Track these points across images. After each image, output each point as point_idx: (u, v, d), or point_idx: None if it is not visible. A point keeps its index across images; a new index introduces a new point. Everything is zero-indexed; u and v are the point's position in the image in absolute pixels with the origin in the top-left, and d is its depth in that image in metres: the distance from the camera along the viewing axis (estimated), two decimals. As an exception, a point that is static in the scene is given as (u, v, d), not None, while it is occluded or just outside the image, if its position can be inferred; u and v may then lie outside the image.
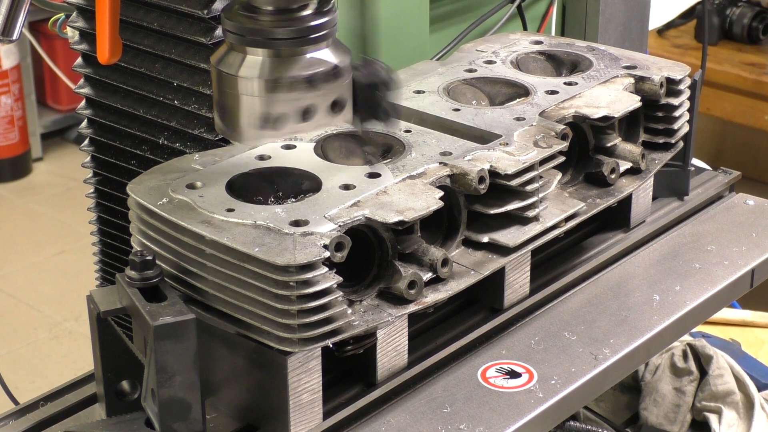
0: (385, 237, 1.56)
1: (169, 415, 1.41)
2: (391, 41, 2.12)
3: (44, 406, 1.61)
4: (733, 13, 4.39)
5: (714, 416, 2.44)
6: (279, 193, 1.59)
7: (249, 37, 1.48)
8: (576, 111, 1.81)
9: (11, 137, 5.70)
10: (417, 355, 1.63)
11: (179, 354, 1.40)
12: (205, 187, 1.56)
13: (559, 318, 1.75)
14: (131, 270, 1.46)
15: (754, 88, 4.21)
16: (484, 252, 1.67)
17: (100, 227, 1.92)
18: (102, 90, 1.84)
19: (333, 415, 1.53)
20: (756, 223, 2.00)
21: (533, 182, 1.67)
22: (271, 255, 1.42)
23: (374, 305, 1.55)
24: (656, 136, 1.94)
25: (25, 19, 1.59)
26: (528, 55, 2.03)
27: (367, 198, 1.55)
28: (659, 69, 1.92)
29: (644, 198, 1.94)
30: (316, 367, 1.48)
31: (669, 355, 2.49)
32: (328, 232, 1.47)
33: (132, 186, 1.58)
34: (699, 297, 1.80)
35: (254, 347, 1.48)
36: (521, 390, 1.59)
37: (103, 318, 1.48)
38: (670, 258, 1.90)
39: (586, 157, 1.87)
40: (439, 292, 1.59)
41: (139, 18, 1.75)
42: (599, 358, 1.65)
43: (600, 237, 1.92)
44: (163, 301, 1.43)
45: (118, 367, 1.52)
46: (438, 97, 1.87)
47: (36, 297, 4.75)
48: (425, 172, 1.62)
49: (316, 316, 1.44)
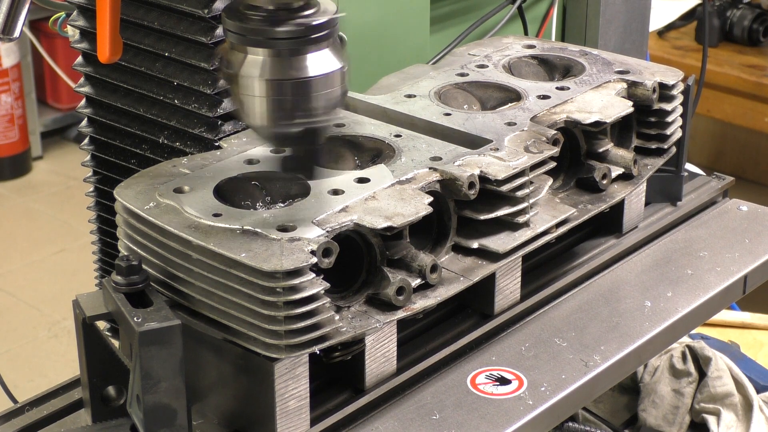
0: (374, 242, 1.56)
1: (154, 421, 1.41)
2: (391, 41, 2.12)
3: (30, 411, 1.60)
4: (734, 15, 4.38)
5: (713, 418, 2.43)
6: (267, 197, 1.58)
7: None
8: (568, 116, 1.80)
9: (11, 136, 5.70)
10: (406, 361, 1.62)
11: (165, 360, 1.39)
12: (192, 192, 1.56)
13: (550, 324, 1.74)
14: (117, 275, 1.45)
15: (755, 90, 4.20)
16: (474, 258, 1.66)
17: (99, 226, 1.92)
18: (102, 89, 1.84)
19: (320, 422, 1.52)
20: (749, 229, 1.99)
21: (524, 188, 1.67)
22: (257, 261, 1.41)
23: (362, 311, 1.54)
24: (649, 141, 1.93)
25: (26, 18, 1.59)
26: (520, 60, 2.03)
27: (355, 203, 1.54)
28: (652, 74, 1.92)
29: (637, 203, 1.93)
30: (303, 373, 1.48)
31: (668, 356, 2.48)
32: (315, 237, 1.46)
33: (119, 190, 1.57)
34: (691, 303, 1.79)
35: (241, 353, 1.48)
36: (511, 397, 1.59)
37: (89, 323, 1.48)
38: (662, 264, 1.89)
39: (577, 163, 1.86)
40: (428, 299, 1.58)
41: (139, 17, 1.75)
42: (590, 365, 1.65)
43: (592, 243, 1.92)
44: (149, 306, 1.43)
45: (104, 372, 1.51)
46: (429, 101, 1.86)
47: (35, 296, 4.76)
48: (415, 177, 1.62)
49: (303, 322, 1.43)
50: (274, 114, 1.47)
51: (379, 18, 2.07)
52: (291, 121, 1.47)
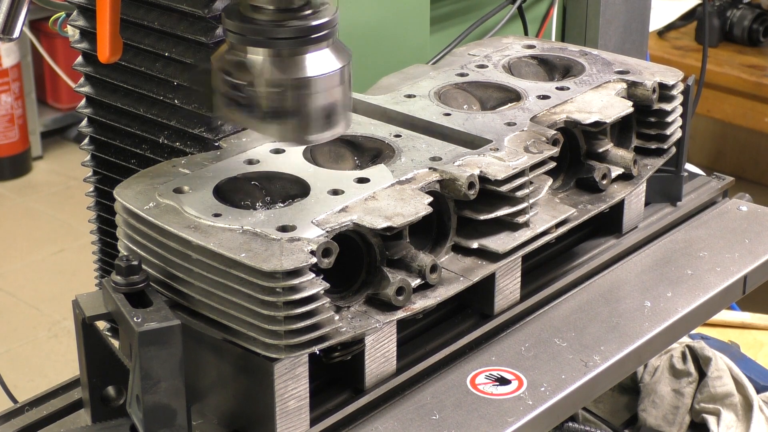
0: (374, 243, 1.56)
1: (154, 421, 1.41)
2: (391, 41, 2.12)
3: (29, 411, 1.60)
4: (734, 15, 4.38)
5: (712, 418, 2.43)
6: (267, 197, 1.58)
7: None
8: (567, 116, 1.80)
9: (11, 135, 5.70)
10: (406, 361, 1.62)
11: (164, 360, 1.39)
12: (192, 192, 1.56)
13: (550, 324, 1.74)
14: (117, 275, 1.45)
15: (755, 90, 4.20)
16: (474, 258, 1.66)
17: (99, 226, 1.92)
18: (102, 89, 1.83)
19: (320, 422, 1.52)
20: (749, 230, 1.99)
21: (524, 188, 1.67)
22: (257, 261, 1.41)
23: (362, 311, 1.54)
24: (649, 141, 1.93)
25: (26, 18, 1.59)
26: (520, 60, 2.03)
27: (355, 203, 1.54)
28: (652, 74, 1.92)
29: (636, 203, 1.93)
30: (303, 373, 1.48)
31: (668, 356, 2.48)
32: (315, 237, 1.46)
33: (119, 190, 1.57)
34: (691, 304, 1.79)
35: (241, 353, 1.48)
36: (510, 397, 1.58)
37: (89, 323, 1.48)
38: (662, 264, 1.89)
39: (577, 163, 1.86)
40: (428, 299, 1.58)
41: (139, 17, 1.75)
42: (589, 365, 1.65)
43: (592, 243, 1.91)
44: (148, 306, 1.43)
45: (104, 372, 1.51)
46: (429, 101, 1.86)
47: (35, 295, 4.76)
48: (414, 178, 1.62)
49: (303, 322, 1.43)
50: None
51: (379, 18, 2.07)
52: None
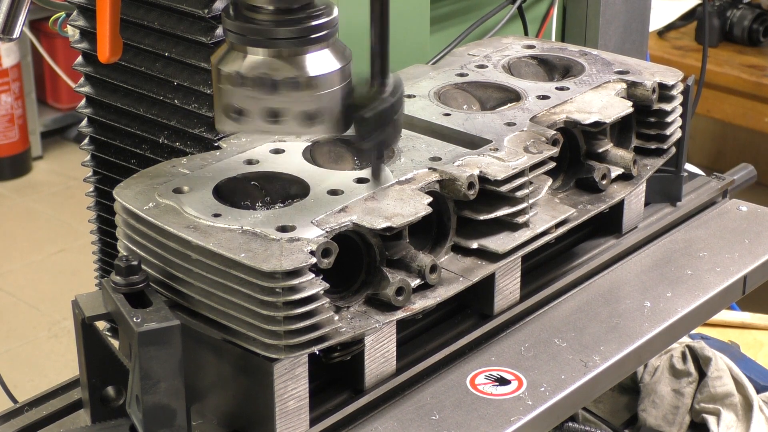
0: (373, 243, 1.56)
1: (153, 421, 1.41)
2: (391, 41, 2.11)
3: (29, 411, 1.60)
4: (734, 15, 4.38)
5: (712, 418, 2.43)
6: (267, 198, 1.58)
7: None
8: (567, 116, 1.80)
9: (11, 135, 5.70)
10: (405, 361, 1.62)
11: (164, 360, 1.39)
12: (192, 192, 1.56)
13: (550, 324, 1.74)
14: (116, 275, 1.45)
15: (755, 90, 4.20)
16: (474, 258, 1.66)
17: (99, 226, 1.92)
18: (102, 89, 1.83)
19: (320, 422, 1.52)
20: (749, 230, 1.99)
21: (523, 188, 1.66)
22: (257, 261, 1.41)
23: (362, 312, 1.54)
24: (648, 141, 1.93)
25: (26, 18, 1.59)
26: (520, 60, 2.02)
27: (355, 203, 1.54)
28: (652, 74, 1.92)
29: (636, 204, 1.93)
30: (302, 373, 1.48)
31: (668, 356, 2.48)
32: (315, 237, 1.46)
33: (119, 190, 1.57)
34: (690, 304, 1.79)
35: (240, 354, 1.48)
36: (510, 397, 1.58)
37: (89, 323, 1.48)
38: (662, 264, 1.89)
39: (577, 163, 1.86)
40: (428, 299, 1.58)
41: (139, 17, 1.75)
42: (589, 365, 1.65)
43: (591, 243, 1.91)
44: (148, 306, 1.43)
45: (104, 372, 1.51)
46: (429, 101, 1.86)
47: (35, 295, 4.76)
48: (414, 178, 1.62)
49: (303, 322, 1.43)
50: None
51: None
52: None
